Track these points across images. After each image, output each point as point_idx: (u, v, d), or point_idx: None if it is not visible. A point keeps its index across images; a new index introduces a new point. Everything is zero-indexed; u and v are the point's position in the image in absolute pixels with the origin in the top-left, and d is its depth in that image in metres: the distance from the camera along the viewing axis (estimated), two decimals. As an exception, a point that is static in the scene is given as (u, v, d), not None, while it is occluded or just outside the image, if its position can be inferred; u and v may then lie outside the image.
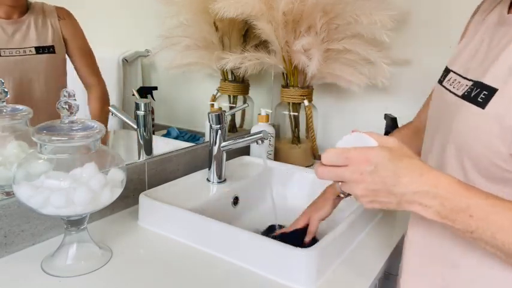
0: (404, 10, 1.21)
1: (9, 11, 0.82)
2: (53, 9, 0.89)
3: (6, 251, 0.74)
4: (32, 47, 0.85)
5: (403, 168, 0.49)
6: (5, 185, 0.74)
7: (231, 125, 1.40)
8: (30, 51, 0.84)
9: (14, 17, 0.83)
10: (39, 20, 0.86)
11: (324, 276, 0.71)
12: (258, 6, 1.09)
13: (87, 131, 0.66)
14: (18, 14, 0.83)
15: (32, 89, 0.87)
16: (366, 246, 0.83)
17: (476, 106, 0.53)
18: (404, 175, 0.49)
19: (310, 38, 1.13)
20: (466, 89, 0.57)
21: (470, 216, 0.48)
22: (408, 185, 0.49)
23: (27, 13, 0.85)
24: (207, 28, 1.23)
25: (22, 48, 0.84)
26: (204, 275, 0.71)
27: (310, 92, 1.29)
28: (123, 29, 1.08)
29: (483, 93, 0.53)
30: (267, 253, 0.71)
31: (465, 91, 0.57)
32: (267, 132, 0.94)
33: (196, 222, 0.80)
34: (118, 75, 1.06)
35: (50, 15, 0.88)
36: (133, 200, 0.95)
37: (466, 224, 0.48)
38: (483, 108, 0.52)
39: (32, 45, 0.85)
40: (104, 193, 0.68)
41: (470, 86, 0.56)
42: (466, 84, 0.58)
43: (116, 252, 0.77)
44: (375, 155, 0.49)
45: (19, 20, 0.84)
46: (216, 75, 1.33)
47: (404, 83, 1.26)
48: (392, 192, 0.49)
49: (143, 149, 1.00)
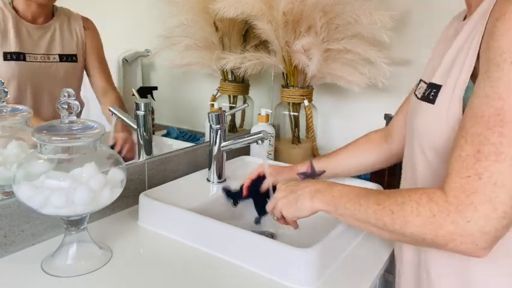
0: (404, 10, 1.21)
1: (35, 14, 0.82)
2: (79, 18, 0.89)
3: (6, 251, 0.74)
4: (57, 54, 0.85)
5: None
6: (5, 185, 0.74)
7: (231, 125, 1.40)
8: (54, 59, 0.84)
9: (40, 21, 0.82)
10: (64, 27, 0.86)
11: (324, 276, 0.71)
12: (258, 6, 1.09)
13: (87, 131, 0.66)
14: (44, 18, 0.83)
15: (51, 95, 0.86)
16: (366, 246, 0.83)
17: (428, 103, 0.62)
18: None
19: (310, 38, 1.13)
20: (423, 91, 0.65)
21: (347, 202, 0.62)
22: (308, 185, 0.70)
23: (53, 19, 0.84)
24: (207, 28, 1.23)
25: (47, 55, 0.83)
26: (203, 275, 0.71)
27: (310, 92, 1.29)
28: (123, 29, 1.08)
29: (433, 92, 0.61)
30: (267, 253, 0.71)
31: (423, 93, 0.65)
32: (267, 132, 0.94)
33: (196, 222, 0.80)
34: (118, 75, 1.06)
35: (75, 24, 0.88)
36: (133, 200, 0.95)
37: (346, 209, 0.62)
38: (433, 103, 0.60)
39: (57, 53, 0.85)
40: (104, 193, 0.68)
41: (425, 88, 0.65)
42: (424, 88, 0.65)
43: (116, 252, 0.77)
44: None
45: (45, 25, 0.83)
46: (216, 75, 1.33)
47: (404, 83, 1.25)
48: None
49: (143, 149, 1.00)
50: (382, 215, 0.57)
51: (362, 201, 0.60)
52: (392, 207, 0.56)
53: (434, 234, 0.51)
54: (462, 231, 0.49)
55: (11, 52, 0.79)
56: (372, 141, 0.91)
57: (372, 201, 0.59)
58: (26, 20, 0.80)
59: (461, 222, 0.49)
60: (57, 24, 0.85)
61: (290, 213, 0.72)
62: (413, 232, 0.53)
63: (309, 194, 0.69)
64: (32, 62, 0.81)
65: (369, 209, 0.59)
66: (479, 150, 0.49)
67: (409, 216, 0.54)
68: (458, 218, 0.49)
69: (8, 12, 0.78)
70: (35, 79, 0.83)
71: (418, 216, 0.53)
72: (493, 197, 0.47)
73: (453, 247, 0.51)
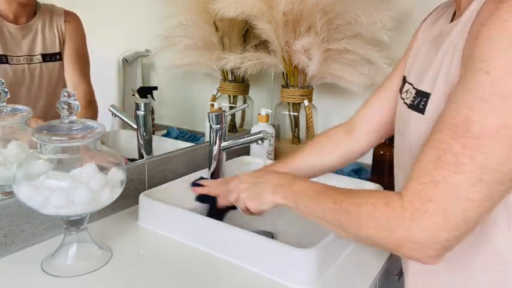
0: (404, 10, 1.21)
1: (17, 14, 0.78)
2: (61, 13, 0.84)
3: (6, 251, 0.74)
4: (39, 54, 0.81)
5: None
6: (5, 185, 0.74)
7: (231, 125, 1.40)
8: (37, 59, 0.81)
9: (22, 21, 0.79)
10: (46, 25, 0.82)
11: (324, 276, 0.71)
12: (258, 6, 1.10)
13: (87, 131, 0.66)
14: (26, 17, 0.79)
15: (37, 98, 0.84)
16: (366, 246, 0.83)
17: (418, 113, 0.60)
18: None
19: (310, 38, 1.13)
20: (412, 99, 0.63)
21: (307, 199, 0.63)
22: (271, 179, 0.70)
23: (35, 17, 0.81)
24: (207, 28, 1.23)
25: (29, 56, 0.80)
26: (203, 275, 0.71)
27: (310, 92, 1.29)
28: (123, 29, 1.08)
29: (423, 101, 0.59)
30: (267, 253, 0.71)
31: (411, 101, 0.63)
32: (267, 132, 0.94)
33: (196, 222, 0.80)
34: (118, 75, 1.06)
35: (58, 19, 0.83)
36: (133, 200, 0.95)
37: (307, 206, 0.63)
38: (423, 113, 0.58)
39: (39, 53, 0.81)
40: (104, 193, 0.68)
41: (414, 94, 0.63)
42: (413, 94, 0.63)
43: (116, 252, 0.77)
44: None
45: (27, 25, 0.80)
46: (216, 75, 1.33)
47: (404, 83, 1.25)
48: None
49: (143, 149, 1.00)
50: (339, 215, 0.58)
51: (321, 198, 0.61)
52: (349, 208, 0.56)
53: (387, 238, 0.52)
54: (414, 238, 0.49)
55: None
56: (332, 138, 0.87)
57: (329, 200, 0.59)
58: (7, 20, 0.77)
59: (414, 230, 0.49)
60: (39, 22, 0.81)
61: (253, 206, 0.71)
62: (367, 235, 0.54)
63: (272, 189, 0.69)
64: (15, 65, 0.78)
65: (327, 207, 0.59)
66: (440, 157, 0.48)
67: (364, 219, 0.54)
68: (412, 225, 0.49)
69: None
70: (20, 82, 0.80)
71: (374, 220, 0.53)
72: (447, 208, 0.47)
73: (404, 252, 0.51)
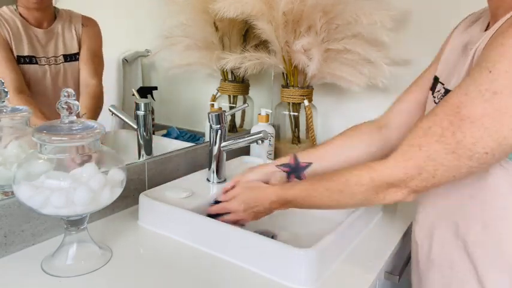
0: (404, 10, 1.21)
1: (38, 19, 0.84)
2: (79, 17, 0.91)
3: (6, 251, 0.74)
4: (61, 55, 0.88)
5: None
6: (5, 185, 0.74)
7: (231, 125, 1.40)
8: (60, 60, 0.87)
9: (44, 25, 0.85)
10: (65, 27, 0.88)
11: (324, 276, 0.71)
12: (258, 6, 1.10)
13: (87, 131, 0.66)
14: (48, 22, 0.86)
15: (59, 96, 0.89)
16: (366, 246, 0.83)
17: None
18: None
19: (310, 38, 1.13)
20: (440, 97, 0.67)
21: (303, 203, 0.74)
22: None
23: (55, 21, 0.87)
24: (207, 28, 1.23)
25: (54, 57, 0.87)
26: (203, 275, 0.71)
27: (310, 92, 1.29)
28: (123, 29, 1.08)
29: None
30: (267, 253, 0.71)
31: (439, 99, 0.67)
32: (267, 132, 0.94)
33: (196, 222, 0.80)
34: (118, 75, 1.06)
35: (76, 23, 0.90)
36: (133, 200, 0.95)
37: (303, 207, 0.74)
38: None
39: (61, 54, 0.88)
40: (104, 193, 0.68)
41: (442, 93, 0.68)
42: (442, 93, 0.68)
43: (116, 252, 0.77)
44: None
45: (50, 28, 0.86)
46: (216, 75, 1.33)
47: (405, 83, 1.25)
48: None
49: (143, 149, 1.00)
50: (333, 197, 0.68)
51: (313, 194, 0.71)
52: (339, 187, 0.67)
53: (375, 195, 0.63)
54: (392, 181, 0.61)
55: (24, 56, 0.82)
56: (362, 131, 0.88)
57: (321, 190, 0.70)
58: (33, 25, 0.83)
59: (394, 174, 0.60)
60: (59, 26, 0.87)
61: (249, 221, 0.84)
62: (360, 198, 0.65)
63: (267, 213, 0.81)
64: (43, 65, 0.85)
65: (322, 197, 0.70)
66: (430, 127, 0.57)
67: (353, 187, 0.65)
68: (393, 173, 0.60)
69: (17, 18, 0.81)
70: (48, 81, 0.86)
71: (362, 185, 0.64)
72: (422, 165, 0.57)
73: (388, 198, 0.63)
